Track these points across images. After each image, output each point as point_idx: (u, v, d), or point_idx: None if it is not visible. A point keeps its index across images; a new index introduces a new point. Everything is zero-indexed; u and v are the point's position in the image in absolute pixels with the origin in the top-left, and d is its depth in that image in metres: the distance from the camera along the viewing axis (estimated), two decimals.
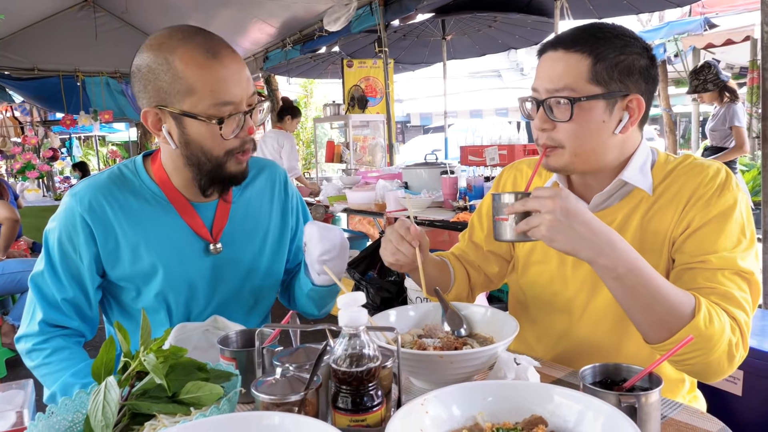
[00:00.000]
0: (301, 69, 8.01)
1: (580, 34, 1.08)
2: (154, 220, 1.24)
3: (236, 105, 1.14)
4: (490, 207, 1.37)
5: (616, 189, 1.15)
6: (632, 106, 1.08)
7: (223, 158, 1.18)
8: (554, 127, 1.09)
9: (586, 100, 1.05)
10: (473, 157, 3.55)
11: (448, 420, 0.77)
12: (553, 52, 1.09)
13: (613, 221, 1.15)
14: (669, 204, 1.11)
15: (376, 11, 4.91)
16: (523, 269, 1.32)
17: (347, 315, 0.78)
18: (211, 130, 1.14)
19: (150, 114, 1.15)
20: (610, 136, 1.09)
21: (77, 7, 6.81)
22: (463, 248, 1.43)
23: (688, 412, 0.91)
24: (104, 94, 7.74)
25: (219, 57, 1.12)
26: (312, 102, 13.38)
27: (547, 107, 1.08)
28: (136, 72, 1.14)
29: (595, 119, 1.06)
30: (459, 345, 1.04)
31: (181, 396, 0.82)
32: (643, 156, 1.14)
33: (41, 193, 6.71)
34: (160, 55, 1.11)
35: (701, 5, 7.15)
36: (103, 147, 14.78)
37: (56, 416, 0.80)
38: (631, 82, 1.06)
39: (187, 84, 1.10)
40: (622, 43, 1.06)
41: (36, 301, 1.23)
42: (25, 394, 0.92)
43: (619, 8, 5.26)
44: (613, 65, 1.05)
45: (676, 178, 1.13)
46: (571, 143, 1.08)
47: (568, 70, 1.06)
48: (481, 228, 1.40)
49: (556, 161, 1.12)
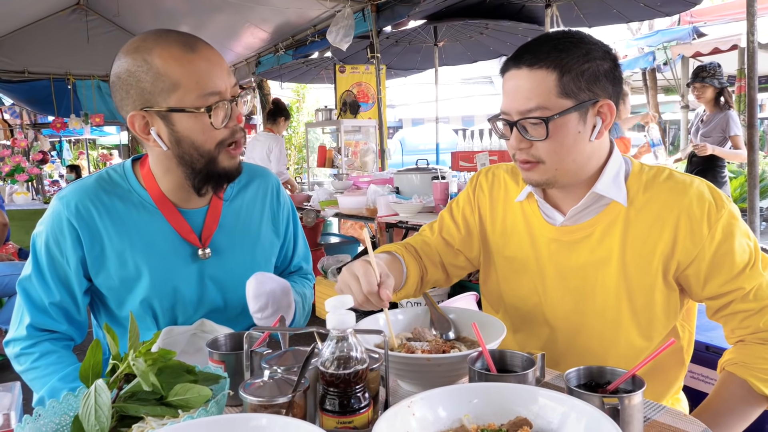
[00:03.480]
0: (293, 74, 8.01)
1: (540, 47, 1.06)
2: (140, 226, 1.24)
3: (221, 94, 1.14)
4: (465, 208, 1.36)
5: (592, 202, 1.15)
6: (603, 111, 1.08)
7: (215, 152, 1.17)
8: (531, 145, 1.09)
9: (559, 116, 1.05)
10: (464, 162, 3.58)
11: (434, 422, 0.77)
12: (517, 70, 1.08)
13: (591, 234, 1.15)
14: (653, 223, 1.11)
15: (368, 17, 4.94)
16: (503, 277, 1.31)
17: (335, 318, 0.79)
18: (200, 122, 1.13)
19: (137, 118, 1.14)
20: (586, 144, 1.09)
21: (69, 10, 6.78)
22: (427, 241, 1.38)
23: (671, 414, 0.92)
24: (95, 97, 7.70)
25: (197, 50, 1.12)
26: (304, 107, 13.39)
27: (521, 128, 1.08)
28: (116, 80, 1.13)
29: (570, 132, 1.06)
30: (447, 348, 1.05)
31: (170, 398, 0.82)
32: (615, 166, 1.14)
33: (30, 197, 6.66)
34: (138, 57, 1.10)
35: (690, 14, 7.23)
36: (94, 150, 14.70)
37: (43, 419, 0.80)
38: (599, 88, 1.06)
39: (170, 80, 1.10)
40: (584, 51, 1.05)
41: (24, 305, 1.22)
42: (12, 397, 0.92)
43: (609, 17, 5.33)
44: (580, 75, 1.04)
45: (656, 194, 1.12)
46: (550, 158, 1.08)
47: (536, 89, 1.05)
48: (456, 227, 1.36)
49: (539, 176, 1.12)
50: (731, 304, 1.09)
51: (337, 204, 4.13)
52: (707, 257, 1.08)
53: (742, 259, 1.07)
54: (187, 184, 1.22)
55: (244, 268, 1.34)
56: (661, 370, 1.20)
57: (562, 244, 1.19)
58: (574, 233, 1.17)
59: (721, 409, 1.09)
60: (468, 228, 1.35)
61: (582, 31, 1.10)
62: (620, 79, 1.11)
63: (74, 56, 7.22)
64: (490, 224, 1.32)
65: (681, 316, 1.20)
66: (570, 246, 1.18)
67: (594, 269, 1.16)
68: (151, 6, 6.23)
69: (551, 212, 1.21)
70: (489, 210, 1.32)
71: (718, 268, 1.08)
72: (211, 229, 1.30)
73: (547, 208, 1.21)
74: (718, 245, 1.07)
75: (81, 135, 10.87)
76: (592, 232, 1.15)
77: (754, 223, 2.70)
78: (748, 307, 1.08)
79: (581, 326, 1.19)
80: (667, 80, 9.00)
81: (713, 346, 1.84)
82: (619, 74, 1.10)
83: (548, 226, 1.21)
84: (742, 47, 6.17)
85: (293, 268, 1.51)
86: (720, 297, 1.10)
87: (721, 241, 1.07)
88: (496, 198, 1.32)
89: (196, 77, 1.11)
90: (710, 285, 1.09)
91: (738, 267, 1.07)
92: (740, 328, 1.10)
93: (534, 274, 1.24)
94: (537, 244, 1.23)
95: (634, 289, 1.13)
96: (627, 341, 1.16)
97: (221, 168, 1.19)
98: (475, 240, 1.35)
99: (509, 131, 1.11)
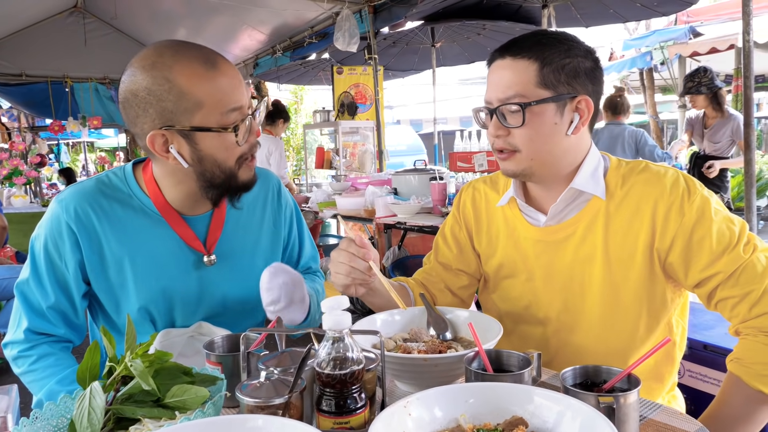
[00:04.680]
0: (291, 75, 8.02)
1: (525, 41, 1.11)
2: (140, 231, 1.23)
3: (242, 110, 1.14)
4: (453, 227, 1.38)
5: (572, 198, 1.17)
6: (581, 107, 1.11)
7: (236, 167, 1.17)
8: (509, 133, 1.12)
9: (536, 104, 1.08)
10: (462, 163, 3.58)
11: (430, 422, 0.78)
12: (501, 60, 1.12)
13: (574, 233, 1.17)
14: (634, 214, 1.13)
15: (365, 19, 4.95)
16: (493, 285, 1.33)
17: (331, 319, 0.79)
18: (224, 141, 1.13)
19: (157, 137, 1.11)
20: (563, 137, 1.12)
21: (66, 13, 6.78)
22: (428, 271, 1.40)
23: (667, 413, 0.92)
24: (93, 99, 7.70)
25: (217, 66, 1.11)
26: (302, 108, 13.40)
27: (500, 114, 1.11)
28: (131, 98, 1.10)
29: (547, 122, 1.10)
30: (443, 348, 1.05)
31: (167, 399, 0.83)
32: (593, 162, 1.17)
33: (28, 200, 6.66)
34: (158, 75, 1.07)
35: (686, 14, 7.24)
36: (92, 153, 14.68)
37: (40, 421, 0.80)
38: (578, 84, 1.10)
39: (194, 99, 1.08)
40: (565, 47, 1.10)
41: (21, 308, 1.22)
42: (9, 400, 0.92)
43: (606, 17, 5.34)
44: (560, 68, 1.08)
45: (634, 185, 1.14)
46: (526, 147, 1.11)
47: (517, 77, 1.09)
48: (448, 248, 1.38)
49: (515, 165, 1.14)
50: (717, 290, 1.09)
51: (336, 205, 4.13)
52: (684, 241, 1.08)
53: (720, 242, 1.07)
54: (198, 195, 1.21)
55: (245, 272, 1.34)
56: (655, 366, 1.20)
57: (548, 244, 1.20)
58: (558, 233, 1.19)
59: (722, 413, 1.08)
60: (459, 245, 1.37)
61: (567, 32, 1.15)
62: (600, 79, 1.14)
63: (72, 59, 7.23)
64: (476, 235, 1.34)
65: (677, 311, 1.20)
66: (555, 246, 1.19)
67: (580, 267, 1.17)
68: (149, 9, 6.23)
69: (534, 214, 1.22)
70: (474, 222, 1.35)
71: (696, 252, 1.08)
72: (215, 236, 1.29)
73: (530, 210, 1.23)
74: (693, 228, 1.08)
75: (79, 138, 10.87)
76: (575, 231, 1.17)
77: (751, 221, 2.71)
78: (732, 293, 1.07)
79: (573, 324, 1.20)
80: (664, 80, 9.03)
81: (711, 345, 1.84)
82: (600, 75, 1.14)
83: (532, 227, 1.22)
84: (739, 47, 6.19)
85: (301, 268, 1.50)
86: (704, 283, 1.09)
87: (695, 224, 1.08)
88: (479, 209, 1.34)
89: (218, 95, 1.10)
90: (692, 270, 1.09)
91: (716, 251, 1.07)
92: (732, 317, 1.09)
93: (523, 277, 1.25)
94: (522, 246, 1.24)
95: (621, 283, 1.14)
96: (619, 337, 1.17)
97: (241, 182, 1.20)
98: (469, 255, 1.36)
99: (489, 119, 1.14)
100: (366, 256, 1.10)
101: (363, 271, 1.11)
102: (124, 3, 6.05)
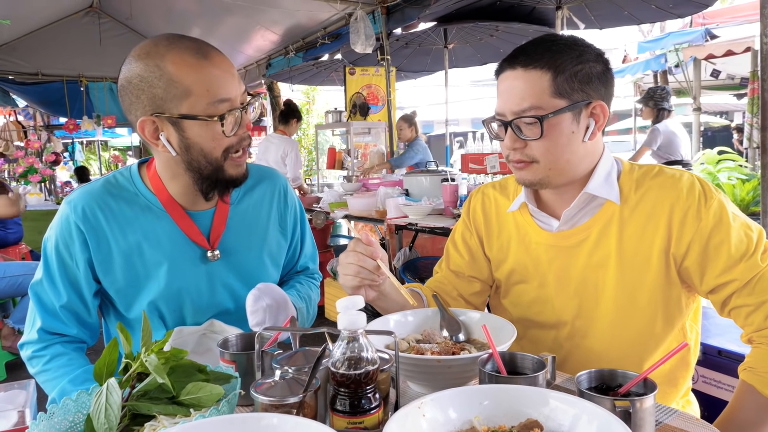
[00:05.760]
0: (303, 76, 8.05)
1: (535, 49, 1.09)
2: (147, 228, 1.25)
3: (232, 101, 1.15)
4: (464, 234, 1.37)
5: (585, 203, 1.16)
6: (596, 112, 1.10)
7: (221, 159, 1.18)
8: (525, 145, 1.10)
9: (553, 116, 1.06)
10: (474, 164, 3.57)
11: (444, 423, 0.77)
12: (512, 71, 1.10)
13: (587, 237, 1.16)
14: (649, 218, 1.11)
15: (378, 20, 4.95)
16: (505, 291, 1.32)
17: (346, 318, 0.79)
18: (211, 130, 1.14)
19: (147, 123, 1.14)
20: (580, 145, 1.10)
21: (82, 12, 6.86)
22: (440, 279, 1.39)
23: (682, 418, 0.91)
24: (107, 99, 7.78)
25: (209, 57, 1.13)
26: (314, 109, 13.43)
27: (515, 127, 1.09)
28: (126, 85, 1.13)
29: (564, 131, 1.08)
30: (456, 350, 1.05)
31: (182, 397, 0.83)
32: (607, 166, 1.15)
33: (43, 197, 6.74)
34: (150, 63, 1.10)
35: (702, 16, 7.18)
36: (106, 152, 14.82)
37: (57, 416, 0.81)
38: (592, 89, 1.08)
39: (182, 87, 1.11)
40: (576, 53, 1.08)
41: (35, 309, 1.24)
42: (26, 394, 0.93)
43: (621, 19, 5.31)
44: (573, 75, 1.06)
45: (648, 189, 1.13)
46: (545, 158, 1.10)
47: (530, 88, 1.07)
48: (459, 255, 1.37)
49: (532, 175, 1.13)
50: (732, 298, 1.07)
51: (347, 206, 4.13)
52: (700, 246, 1.07)
53: (738, 248, 1.06)
54: (194, 188, 1.23)
55: (252, 269, 1.35)
56: (670, 371, 1.19)
57: (561, 249, 1.19)
58: (571, 237, 1.18)
59: (736, 419, 1.07)
60: (471, 252, 1.36)
61: (575, 35, 1.13)
62: (612, 82, 1.12)
63: (87, 58, 7.31)
64: (487, 241, 1.33)
65: (690, 316, 1.19)
66: (568, 251, 1.18)
67: (594, 272, 1.16)
68: (164, 9, 6.28)
69: (546, 219, 1.21)
70: (485, 228, 1.33)
71: (713, 257, 1.07)
72: (218, 231, 1.31)
73: (542, 216, 1.22)
74: (710, 233, 1.07)
75: (93, 136, 10.97)
76: (589, 235, 1.16)
77: (767, 226, 2.68)
78: (747, 302, 1.06)
79: (586, 329, 1.19)
80: (678, 82, 8.94)
81: (725, 351, 1.83)
82: (611, 77, 1.12)
83: (544, 233, 1.21)
84: (756, 49, 6.12)
85: (299, 267, 1.52)
86: (719, 290, 1.08)
87: (713, 229, 1.06)
88: (489, 215, 1.33)
89: (207, 84, 1.11)
90: (707, 276, 1.08)
91: (734, 257, 1.05)
92: (746, 325, 1.08)
93: (535, 282, 1.24)
94: (534, 252, 1.23)
95: (635, 288, 1.13)
96: (632, 342, 1.16)
97: (227, 175, 1.21)
98: (481, 261, 1.35)
99: (504, 132, 1.12)
100: (373, 254, 1.08)
101: (371, 270, 1.08)
102: (139, 3, 6.11)
